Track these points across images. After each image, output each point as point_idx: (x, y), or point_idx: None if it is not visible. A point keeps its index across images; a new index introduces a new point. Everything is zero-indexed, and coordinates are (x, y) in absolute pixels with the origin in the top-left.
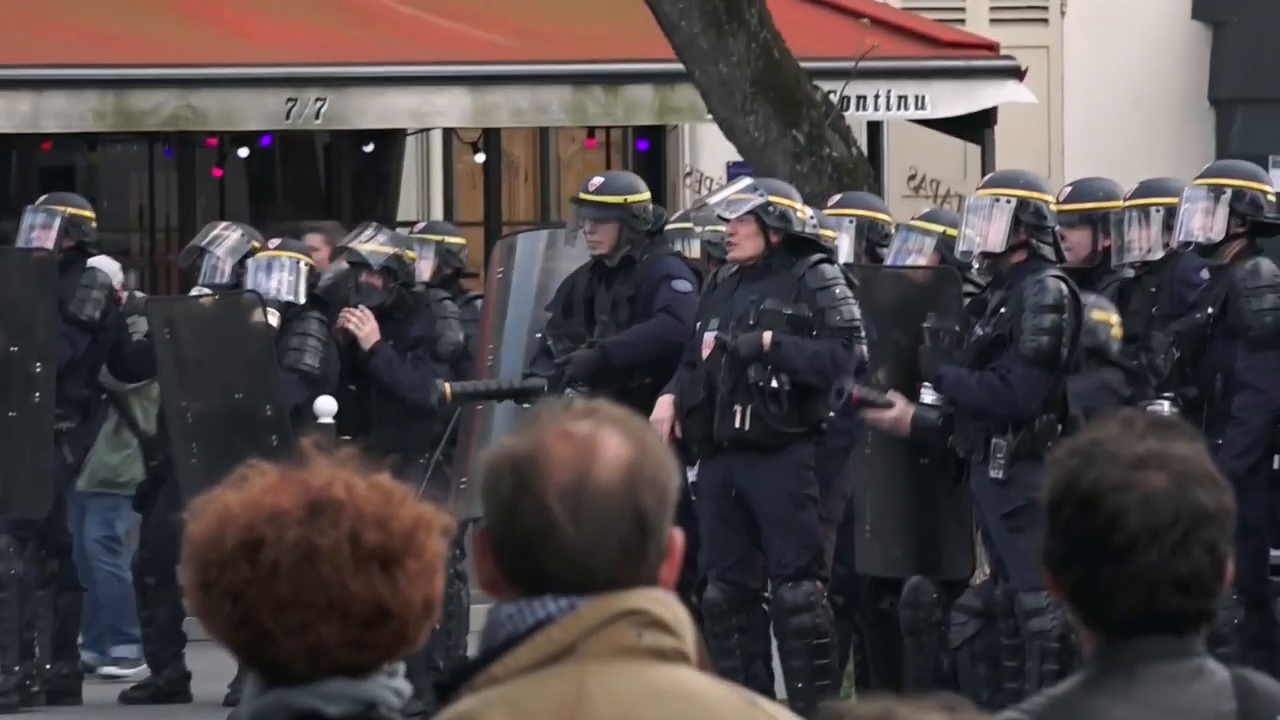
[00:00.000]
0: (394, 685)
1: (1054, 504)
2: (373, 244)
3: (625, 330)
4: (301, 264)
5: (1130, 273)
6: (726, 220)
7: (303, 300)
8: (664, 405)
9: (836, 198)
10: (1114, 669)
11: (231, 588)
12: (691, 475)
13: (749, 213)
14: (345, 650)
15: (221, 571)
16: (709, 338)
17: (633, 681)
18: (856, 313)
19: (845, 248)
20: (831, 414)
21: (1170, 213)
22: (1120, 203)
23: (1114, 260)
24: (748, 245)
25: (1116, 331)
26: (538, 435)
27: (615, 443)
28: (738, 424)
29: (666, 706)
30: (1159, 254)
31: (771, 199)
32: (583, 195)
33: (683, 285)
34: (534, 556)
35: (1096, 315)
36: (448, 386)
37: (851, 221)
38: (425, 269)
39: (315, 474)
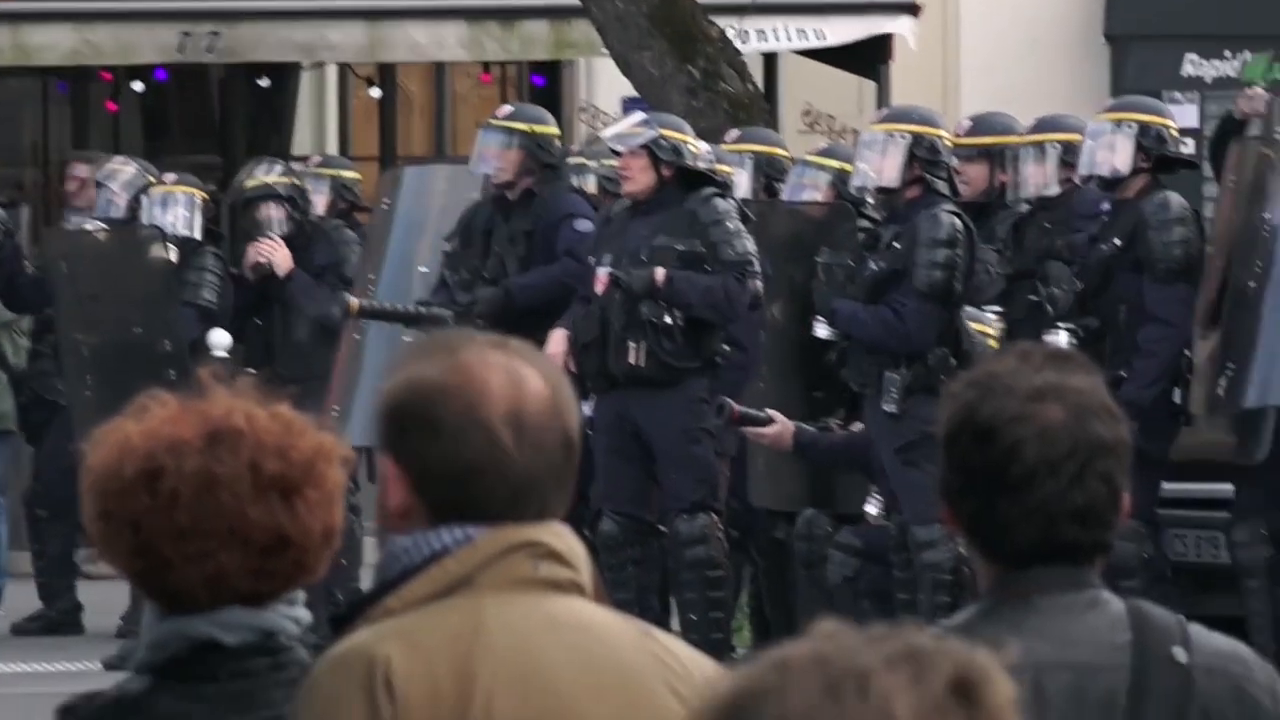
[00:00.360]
0: (293, 614)
1: (951, 436)
2: (274, 176)
3: (527, 270)
4: (197, 199)
5: (1025, 208)
6: (619, 154)
7: (198, 236)
8: (557, 340)
9: (735, 133)
10: (1010, 600)
11: (131, 517)
12: (587, 410)
13: (641, 147)
14: (245, 578)
15: (121, 501)
16: (602, 273)
17: (529, 613)
18: (750, 247)
19: (743, 183)
20: (728, 347)
21: (1067, 149)
22: (1018, 138)
23: (1009, 196)
24: (640, 179)
25: (994, 344)
26: (468, 365)
27: (533, 372)
28: (632, 359)
29: (563, 638)
30: (1055, 190)
31: (664, 133)
32: (491, 120)
33: (584, 225)
34: (478, 484)
35: (975, 327)
36: (353, 300)
37: (750, 157)
38: (320, 203)
39: (215, 404)
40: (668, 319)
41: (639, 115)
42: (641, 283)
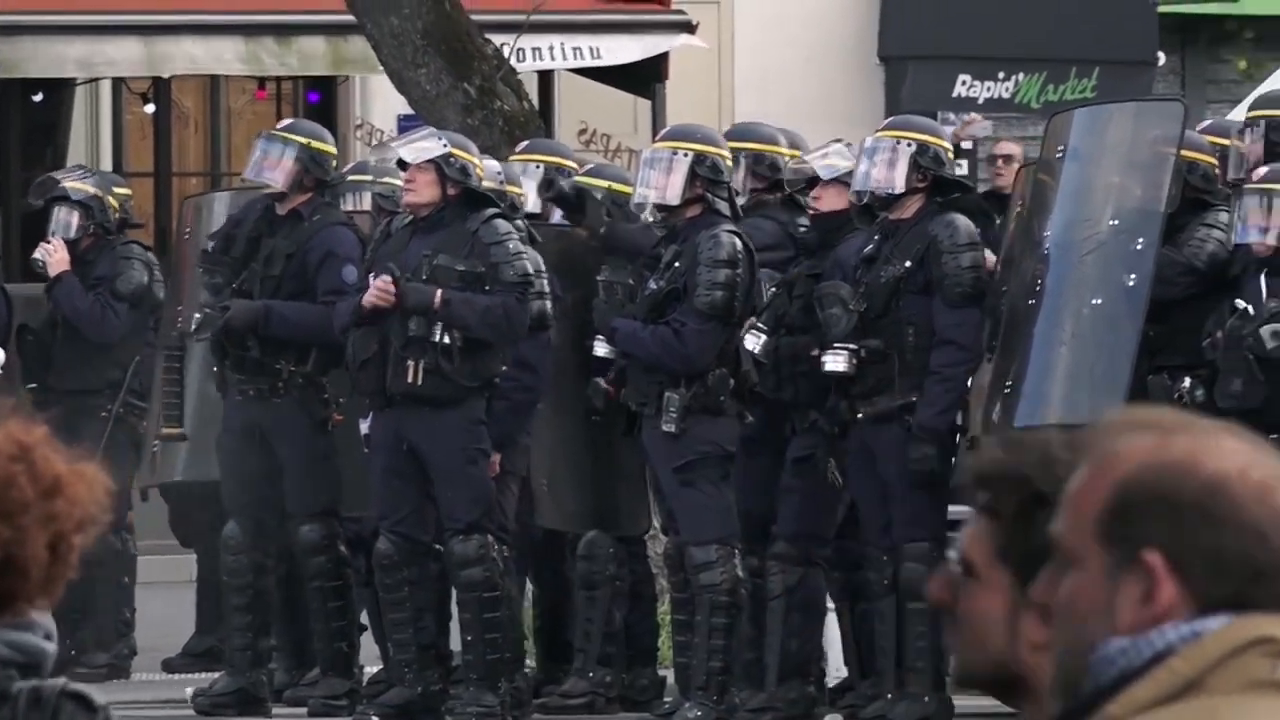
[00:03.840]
0: (10, 637)
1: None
2: (75, 181)
3: (277, 291)
4: None
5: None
6: (406, 166)
7: None
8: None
9: (524, 144)
10: None
11: None
12: (364, 428)
13: (430, 161)
14: None
15: None
16: (383, 279)
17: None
18: (530, 268)
19: (530, 192)
20: (505, 368)
21: (757, 159)
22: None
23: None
24: (425, 192)
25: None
26: (1233, 453)
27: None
28: (410, 378)
29: None
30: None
31: (454, 151)
32: (271, 131)
33: (351, 274)
34: (1267, 584)
35: (829, 368)
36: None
37: (538, 167)
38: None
39: None
40: (445, 338)
41: (428, 129)
42: (418, 301)
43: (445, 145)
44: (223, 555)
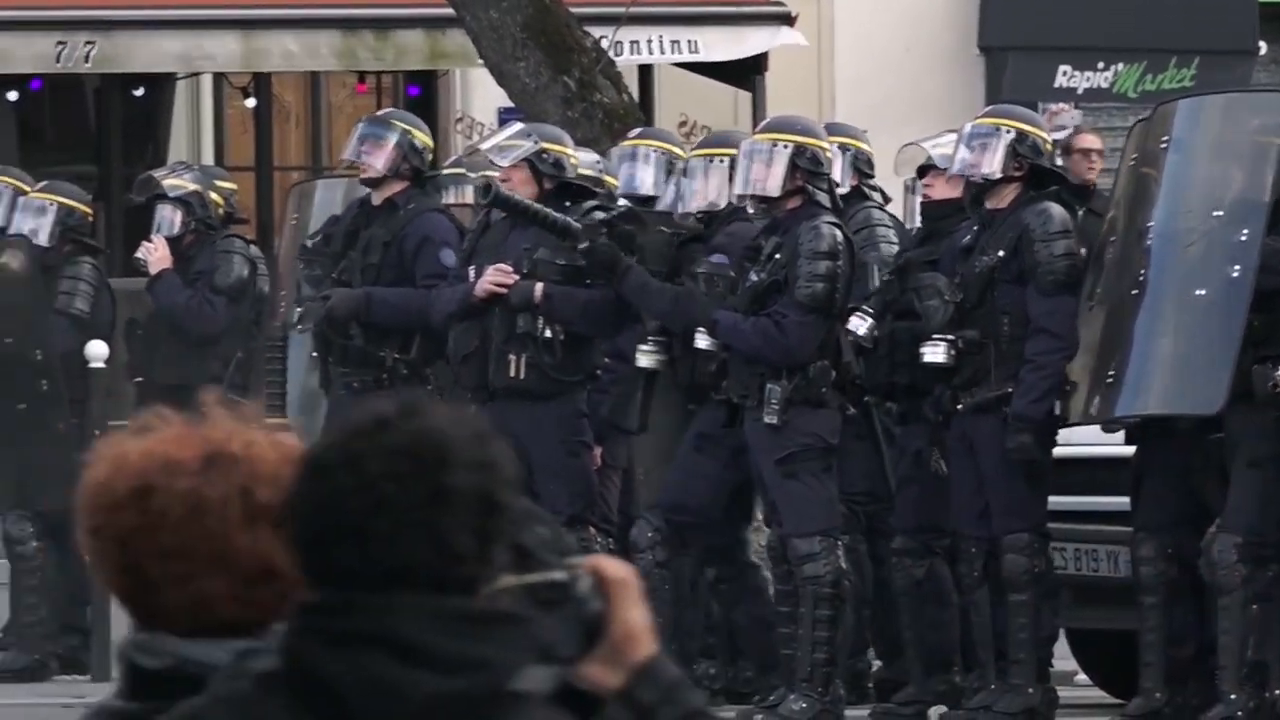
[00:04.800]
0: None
1: None
2: (175, 178)
3: (376, 280)
4: (55, 208)
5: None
6: (499, 166)
7: (49, 244)
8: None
9: (636, 131)
10: None
11: (119, 533)
12: None
13: (523, 159)
14: (228, 605)
15: (111, 517)
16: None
17: None
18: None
19: (648, 180)
20: (608, 360)
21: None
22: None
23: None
24: (521, 191)
25: None
26: None
27: None
28: (513, 373)
29: None
30: (722, 204)
31: (545, 146)
32: (372, 115)
33: (449, 257)
34: None
35: (927, 359)
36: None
37: (655, 152)
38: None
39: (216, 427)
40: (548, 333)
41: (518, 126)
42: (520, 297)
43: (535, 141)
44: None
